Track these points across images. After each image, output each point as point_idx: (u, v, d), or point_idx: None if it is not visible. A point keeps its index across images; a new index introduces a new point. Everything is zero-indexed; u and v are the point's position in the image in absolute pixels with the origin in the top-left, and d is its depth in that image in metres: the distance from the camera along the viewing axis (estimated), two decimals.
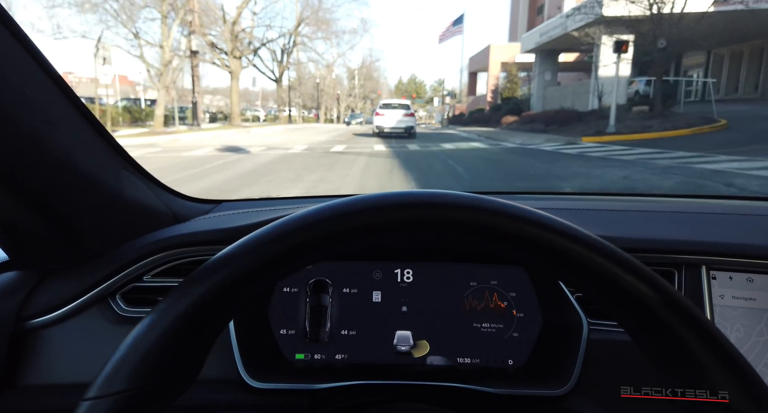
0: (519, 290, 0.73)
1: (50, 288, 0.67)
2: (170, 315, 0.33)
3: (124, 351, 0.32)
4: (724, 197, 1.16)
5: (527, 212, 0.35)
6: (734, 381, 0.32)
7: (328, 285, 0.73)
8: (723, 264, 0.69)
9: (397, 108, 17.21)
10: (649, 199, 1.11)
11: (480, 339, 0.72)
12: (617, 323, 0.36)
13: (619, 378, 0.65)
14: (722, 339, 0.33)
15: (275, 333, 0.72)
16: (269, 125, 29.01)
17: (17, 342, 0.64)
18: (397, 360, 0.71)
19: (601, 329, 0.69)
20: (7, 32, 0.48)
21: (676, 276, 0.70)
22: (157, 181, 0.81)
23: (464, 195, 0.36)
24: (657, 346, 0.34)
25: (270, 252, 0.34)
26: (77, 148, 0.59)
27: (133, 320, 0.69)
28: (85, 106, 0.61)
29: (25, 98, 0.51)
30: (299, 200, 1.02)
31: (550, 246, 0.34)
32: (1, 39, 0.48)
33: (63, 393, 0.65)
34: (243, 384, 0.65)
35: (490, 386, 0.66)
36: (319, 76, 44.94)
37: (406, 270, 0.74)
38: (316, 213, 0.35)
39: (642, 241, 0.71)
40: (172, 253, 0.71)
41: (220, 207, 0.93)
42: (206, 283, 0.34)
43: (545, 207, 0.87)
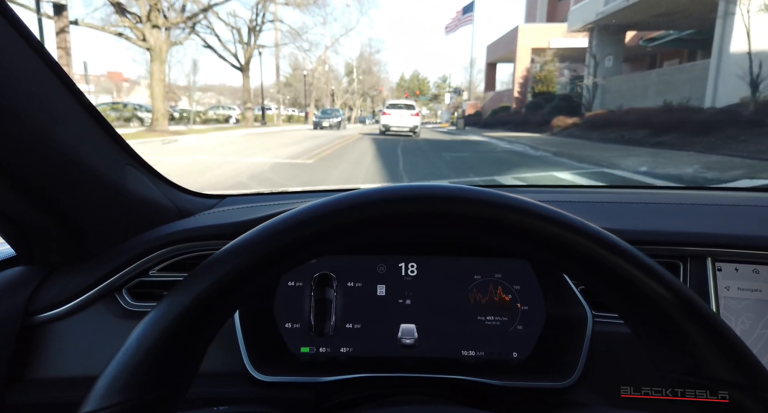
0: (523, 283, 0.73)
1: (57, 283, 0.68)
2: (175, 310, 0.33)
3: (123, 357, 0.32)
4: (729, 189, 1.15)
5: (531, 205, 0.34)
6: (740, 377, 0.32)
7: (332, 279, 0.73)
8: (728, 255, 0.69)
9: (403, 108, 18.63)
10: (654, 191, 1.10)
11: (484, 332, 0.72)
12: (619, 315, 0.36)
13: (623, 370, 0.65)
14: (729, 332, 0.32)
15: (280, 327, 0.73)
16: (228, 130, 19.89)
17: (25, 336, 0.65)
18: (402, 353, 0.72)
19: (606, 321, 0.69)
20: (11, 28, 0.48)
21: (682, 267, 0.70)
22: (161, 176, 0.82)
23: (471, 189, 0.35)
24: (659, 341, 0.34)
25: (274, 246, 0.35)
26: (82, 144, 0.60)
27: (139, 314, 0.69)
28: (89, 102, 0.61)
29: (30, 94, 0.51)
30: (304, 195, 1.02)
31: (554, 238, 0.34)
32: (5, 35, 0.48)
33: (70, 387, 0.66)
34: (248, 377, 0.66)
35: (495, 378, 0.66)
36: (307, 67, 38.92)
37: (411, 263, 0.74)
38: (320, 208, 0.35)
39: (647, 233, 0.70)
40: (178, 248, 0.72)
41: (225, 202, 0.94)
42: (211, 277, 0.34)
43: (550, 200, 0.87)
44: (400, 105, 18.89)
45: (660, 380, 0.35)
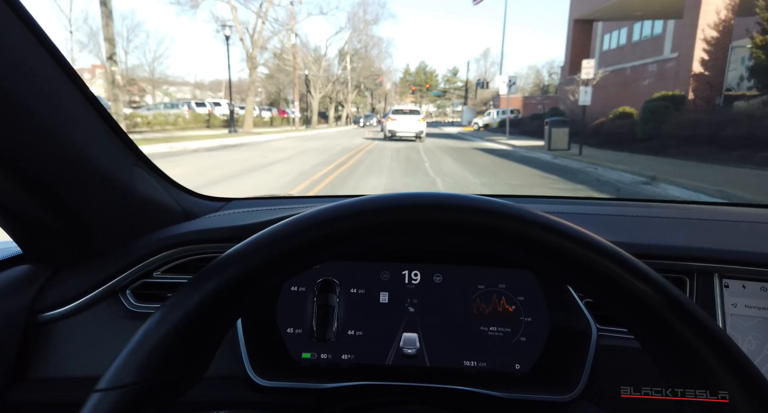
0: (527, 294, 0.73)
1: (62, 282, 0.68)
2: (180, 311, 0.33)
3: (135, 345, 0.33)
4: (738, 204, 1.15)
5: (537, 217, 0.34)
6: (747, 391, 0.32)
7: (335, 285, 0.73)
8: (736, 272, 0.68)
9: (408, 113, 18.78)
10: (661, 204, 1.09)
11: (487, 343, 0.71)
12: (627, 329, 0.36)
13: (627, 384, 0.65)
14: (734, 348, 0.32)
15: (282, 332, 0.72)
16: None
17: (30, 334, 0.65)
18: (403, 362, 0.71)
19: (611, 335, 0.68)
20: (26, 29, 0.49)
21: (688, 283, 0.69)
22: (168, 178, 0.82)
23: (476, 198, 0.35)
24: (668, 355, 0.34)
25: (279, 250, 0.35)
26: (91, 144, 0.60)
27: (143, 315, 0.70)
28: (100, 103, 0.62)
29: (43, 94, 0.52)
30: (309, 199, 1.02)
31: (558, 249, 0.34)
32: (20, 36, 0.48)
33: (73, 386, 0.66)
34: (249, 382, 0.66)
35: (497, 390, 0.65)
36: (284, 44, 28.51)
37: (414, 271, 0.74)
38: (326, 213, 0.35)
39: (653, 248, 0.70)
40: (182, 250, 0.72)
41: (231, 205, 0.94)
42: (216, 280, 0.34)
43: (558, 211, 0.87)
44: (406, 110, 19.27)
45: (660, 380, 0.35)
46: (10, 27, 0.47)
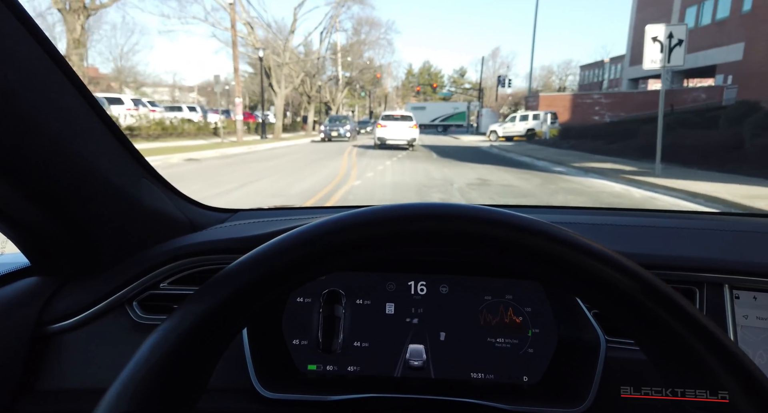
0: (535, 305, 0.72)
1: (69, 294, 0.69)
2: (187, 322, 0.33)
3: (128, 373, 0.32)
4: (748, 214, 1.13)
5: (546, 227, 0.34)
6: (756, 401, 0.31)
7: (341, 296, 0.73)
8: (747, 283, 0.67)
9: (400, 120, 16.93)
10: (670, 215, 1.08)
11: (494, 355, 0.71)
12: (634, 341, 0.36)
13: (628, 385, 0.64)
14: (743, 357, 0.32)
15: (288, 344, 0.72)
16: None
17: (36, 346, 0.65)
18: (410, 374, 0.71)
19: (620, 347, 0.67)
20: (37, 45, 0.50)
21: (698, 294, 0.68)
22: (175, 190, 0.83)
23: (482, 208, 0.35)
24: (674, 365, 0.33)
25: (285, 261, 0.35)
26: (99, 156, 0.61)
27: (149, 327, 0.70)
28: (107, 115, 0.62)
29: (51, 106, 0.52)
30: (315, 210, 1.02)
31: (563, 258, 0.34)
32: (30, 49, 0.49)
33: (79, 398, 0.66)
34: (255, 394, 0.65)
35: (504, 403, 0.64)
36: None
37: (420, 282, 0.74)
38: (330, 224, 0.35)
39: (662, 258, 0.69)
40: (189, 261, 0.72)
41: (236, 217, 0.94)
42: (223, 291, 0.34)
43: (564, 221, 0.86)
44: (397, 116, 17.11)
45: (660, 380, 0.35)
46: (22, 43, 0.48)
